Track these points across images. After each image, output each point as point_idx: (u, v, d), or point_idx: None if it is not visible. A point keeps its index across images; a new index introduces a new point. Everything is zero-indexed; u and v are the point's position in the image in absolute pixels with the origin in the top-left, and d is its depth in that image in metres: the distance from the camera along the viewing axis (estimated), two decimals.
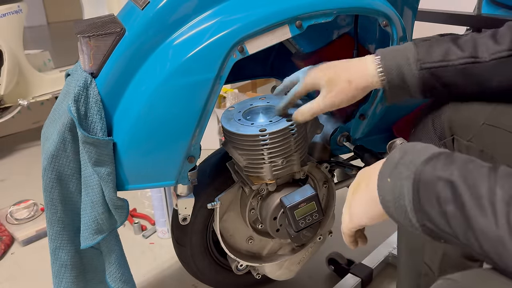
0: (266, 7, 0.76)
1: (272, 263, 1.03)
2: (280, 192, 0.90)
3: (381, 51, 0.74)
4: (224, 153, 1.01)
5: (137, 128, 0.76)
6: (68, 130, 0.78)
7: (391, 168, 0.51)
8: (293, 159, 0.86)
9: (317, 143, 1.03)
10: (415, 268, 0.82)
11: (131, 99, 0.77)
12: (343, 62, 0.76)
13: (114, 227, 0.83)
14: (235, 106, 0.92)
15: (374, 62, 0.73)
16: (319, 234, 1.01)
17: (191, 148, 0.78)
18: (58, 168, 0.79)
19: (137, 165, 0.78)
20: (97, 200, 0.78)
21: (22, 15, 2.15)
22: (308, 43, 1.09)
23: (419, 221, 0.48)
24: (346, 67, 0.75)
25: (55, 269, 0.85)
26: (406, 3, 0.94)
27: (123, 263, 0.88)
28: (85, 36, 0.76)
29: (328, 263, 1.31)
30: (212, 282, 1.16)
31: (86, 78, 0.76)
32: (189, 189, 0.86)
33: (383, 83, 0.73)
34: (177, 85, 0.74)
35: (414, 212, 0.48)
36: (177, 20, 0.76)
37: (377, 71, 0.73)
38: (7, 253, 1.51)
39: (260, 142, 0.82)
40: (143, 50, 0.76)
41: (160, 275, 1.36)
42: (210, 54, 0.74)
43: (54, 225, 0.82)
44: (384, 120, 0.99)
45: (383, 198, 0.52)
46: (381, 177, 0.52)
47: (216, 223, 0.94)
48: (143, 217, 1.65)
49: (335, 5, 0.78)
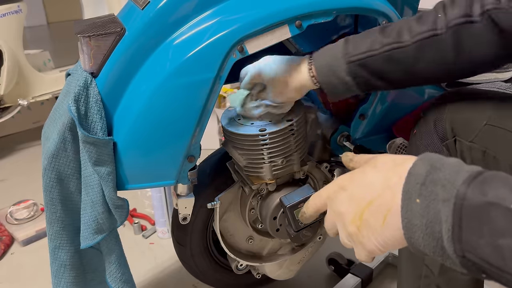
0: (265, 7, 0.76)
1: (272, 262, 1.03)
2: (280, 191, 0.90)
3: (315, 53, 0.76)
4: (224, 153, 1.01)
5: (137, 128, 0.76)
6: (68, 129, 0.78)
7: (419, 185, 0.43)
8: (293, 159, 0.86)
9: (317, 143, 1.03)
10: (416, 270, 0.82)
11: (131, 98, 0.77)
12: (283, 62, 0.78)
13: (114, 227, 0.83)
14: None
15: (307, 64, 0.76)
16: (319, 234, 1.01)
17: (191, 148, 0.78)
18: (58, 168, 0.79)
19: (137, 165, 0.78)
20: (97, 200, 0.78)
21: (22, 15, 2.15)
22: (308, 43, 1.09)
23: (458, 252, 0.40)
24: (285, 69, 0.78)
25: (54, 268, 0.85)
26: (406, 3, 0.94)
27: (123, 263, 0.88)
28: (85, 36, 0.76)
29: (328, 263, 1.31)
30: (212, 281, 1.16)
31: (86, 77, 0.76)
32: (189, 188, 0.86)
33: (315, 83, 0.76)
34: (177, 85, 0.74)
35: (452, 242, 0.40)
36: (177, 20, 0.76)
37: (308, 72, 0.76)
38: (7, 253, 1.51)
39: (260, 142, 0.82)
40: (143, 50, 0.76)
41: (160, 275, 1.36)
42: (210, 54, 0.74)
43: (53, 224, 0.83)
44: (384, 120, 0.99)
45: (408, 221, 0.43)
46: (407, 196, 0.44)
47: (216, 223, 0.94)
48: (143, 217, 1.65)
49: (334, 5, 0.78)
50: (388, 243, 0.47)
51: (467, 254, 0.40)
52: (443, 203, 0.41)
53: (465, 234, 0.39)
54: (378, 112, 0.95)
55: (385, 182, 0.47)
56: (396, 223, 0.45)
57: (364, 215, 0.48)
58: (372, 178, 0.49)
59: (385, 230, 0.46)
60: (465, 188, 0.40)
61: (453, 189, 0.40)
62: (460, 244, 0.40)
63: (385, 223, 0.46)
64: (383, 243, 0.47)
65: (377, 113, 0.95)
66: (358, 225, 0.49)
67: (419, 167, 0.44)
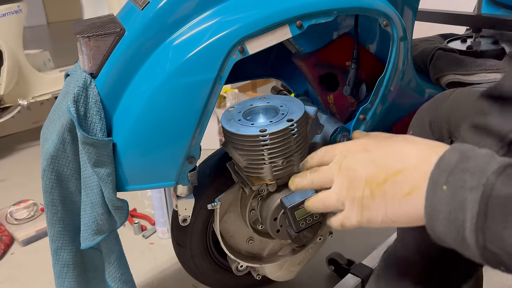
0: (266, 7, 0.75)
1: (272, 264, 1.03)
2: (281, 192, 0.90)
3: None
4: (224, 154, 1.01)
5: (137, 129, 0.76)
6: (67, 130, 0.77)
7: (448, 172, 0.41)
8: (293, 159, 0.85)
9: (317, 144, 1.02)
10: None
11: (131, 99, 0.76)
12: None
13: (114, 228, 0.83)
14: (235, 106, 0.91)
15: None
16: (320, 234, 1.01)
17: (191, 149, 0.78)
18: (58, 169, 0.79)
19: (137, 166, 0.78)
20: (96, 201, 0.78)
21: (22, 15, 2.15)
22: (308, 43, 1.08)
23: (479, 242, 0.39)
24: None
25: (57, 269, 0.85)
26: (407, 3, 0.94)
27: (123, 263, 0.88)
28: (85, 36, 0.76)
29: (328, 263, 1.31)
30: (212, 283, 1.16)
31: (86, 78, 0.76)
32: (189, 189, 0.86)
33: None
34: (177, 85, 0.74)
35: (475, 231, 0.39)
36: (177, 20, 0.76)
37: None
38: (7, 253, 1.51)
39: (261, 143, 0.82)
40: (143, 50, 0.76)
41: (160, 275, 1.36)
42: (210, 54, 0.73)
43: (55, 225, 0.82)
44: (384, 120, 0.99)
45: (432, 209, 0.41)
46: (434, 182, 0.42)
47: (216, 224, 0.94)
48: (143, 217, 1.64)
49: (335, 5, 0.78)
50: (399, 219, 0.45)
51: (489, 245, 0.38)
52: (471, 191, 0.39)
53: (490, 223, 0.38)
54: (379, 112, 0.95)
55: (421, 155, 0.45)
56: (418, 202, 0.43)
57: (387, 182, 0.45)
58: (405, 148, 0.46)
59: (404, 205, 0.44)
60: (494, 178, 0.39)
61: (482, 177, 0.39)
62: (483, 234, 0.38)
63: (407, 199, 0.44)
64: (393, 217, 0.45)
65: (377, 113, 0.95)
66: (373, 189, 0.46)
67: (450, 154, 0.43)
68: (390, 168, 0.45)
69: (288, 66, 1.20)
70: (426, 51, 1.14)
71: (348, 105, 1.07)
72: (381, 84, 0.91)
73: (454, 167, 0.41)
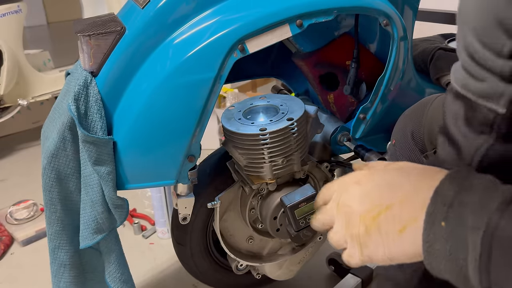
0: (266, 6, 0.76)
1: (272, 263, 1.03)
2: (280, 191, 0.90)
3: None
4: (224, 153, 1.01)
5: (137, 127, 0.76)
6: (68, 129, 0.78)
7: (446, 207, 0.39)
8: (293, 158, 0.85)
9: (317, 143, 1.02)
10: None
11: (131, 98, 0.76)
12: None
13: (114, 227, 0.83)
14: (235, 106, 0.92)
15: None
16: (319, 233, 1.01)
17: (191, 147, 0.78)
18: (58, 167, 0.79)
19: (137, 164, 0.78)
20: (97, 200, 0.78)
21: (22, 15, 2.15)
22: (308, 42, 1.08)
23: (483, 284, 0.37)
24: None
25: (54, 268, 0.85)
26: (407, 3, 0.94)
27: (123, 263, 0.87)
28: (85, 35, 0.76)
29: (328, 263, 1.31)
30: (212, 282, 1.16)
31: (86, 77, 0.76)
32: (189, 188, 0.86)
33: None
34: (178, 84, 0.74)
35: (479, 272, 0.36)
36: (178, 19, 0.76)
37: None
38: (6, 253, 1.51)
39: (261, 142, 0.82)
40: (144, 49, 0.76)
41: (160, 275, 1.35)
42: (211, 53, 0.73)
43: (53, 224, 0.82)
44: (384, 120, 0.99)
45: (430, 245, 0.39)
46: (431, 218, 0.39)
47: (216, 223, 0.94)
48: (143, 217, 1.64)
49: (335, 4, 0.78)
50: (397, 257, 0.42)
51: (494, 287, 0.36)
52: (473, 232, 0.36)
53: (495, 265, 0.36)
54: (379, 111, 0.95)
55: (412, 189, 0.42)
56: (415, 238, 0.40)
57: (379, 218, 0.43)
58: (397, 179, 0.44)
59: (399, 242, 0.42)
60: (498, 217, 0.36)
61: (484, 217, 0.36)
62: (488, 275, 0.36)
63: (403, 235, 0.41)
64: (390, 256, 0.43)
65: (377, 112, 0.95)
66: (368, 225, 0.44)
67: (446, 186, 0.40)
68: (384, 201, 0.43)
69: (288, 66, 1.20)
70: (427, 50, 1.14)
71: (348, 105, 1.07)
72: (381, 83, 0.91)
73: (452, 201, 0.39)
